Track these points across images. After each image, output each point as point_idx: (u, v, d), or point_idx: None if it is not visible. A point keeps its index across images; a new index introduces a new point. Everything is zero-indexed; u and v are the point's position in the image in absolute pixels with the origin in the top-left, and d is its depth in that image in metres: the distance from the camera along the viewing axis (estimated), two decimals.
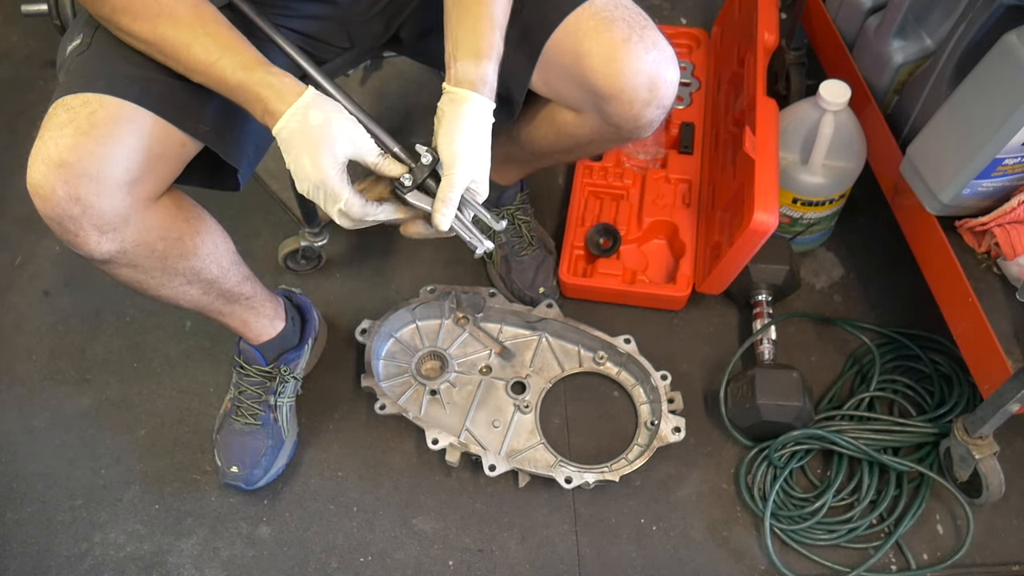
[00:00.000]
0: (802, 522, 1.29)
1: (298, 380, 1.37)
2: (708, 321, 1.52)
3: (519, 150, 1.34)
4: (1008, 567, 1.27)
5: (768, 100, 1.37)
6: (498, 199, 1.51)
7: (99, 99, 0.92)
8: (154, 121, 0.94)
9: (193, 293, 1.11)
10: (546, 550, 1.29)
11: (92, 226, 0.93)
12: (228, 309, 1.19)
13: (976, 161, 1.11)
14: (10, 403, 1.44)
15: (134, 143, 0.93)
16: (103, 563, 1.29)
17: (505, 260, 1.51)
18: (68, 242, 0.95)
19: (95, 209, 0.92)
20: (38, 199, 0.92)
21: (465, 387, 1.41)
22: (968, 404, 1.35)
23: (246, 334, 1.27)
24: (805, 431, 1.31)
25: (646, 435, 1.37)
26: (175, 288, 1.08)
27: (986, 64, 1.08)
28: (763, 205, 1.23)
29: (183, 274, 1.07)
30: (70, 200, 0.91)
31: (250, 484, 1.30)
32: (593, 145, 1.24)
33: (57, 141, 0.91)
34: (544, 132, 1.25)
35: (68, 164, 0.90)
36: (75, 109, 0.92)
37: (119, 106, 0.93)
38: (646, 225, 1.56)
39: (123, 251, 0.97)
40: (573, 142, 1.22)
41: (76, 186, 0.90)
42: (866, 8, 1.40)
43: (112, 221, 0.94)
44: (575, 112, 1.16)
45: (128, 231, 0.96)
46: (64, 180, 0.90)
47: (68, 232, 0.93)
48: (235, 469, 1.30)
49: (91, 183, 0.91)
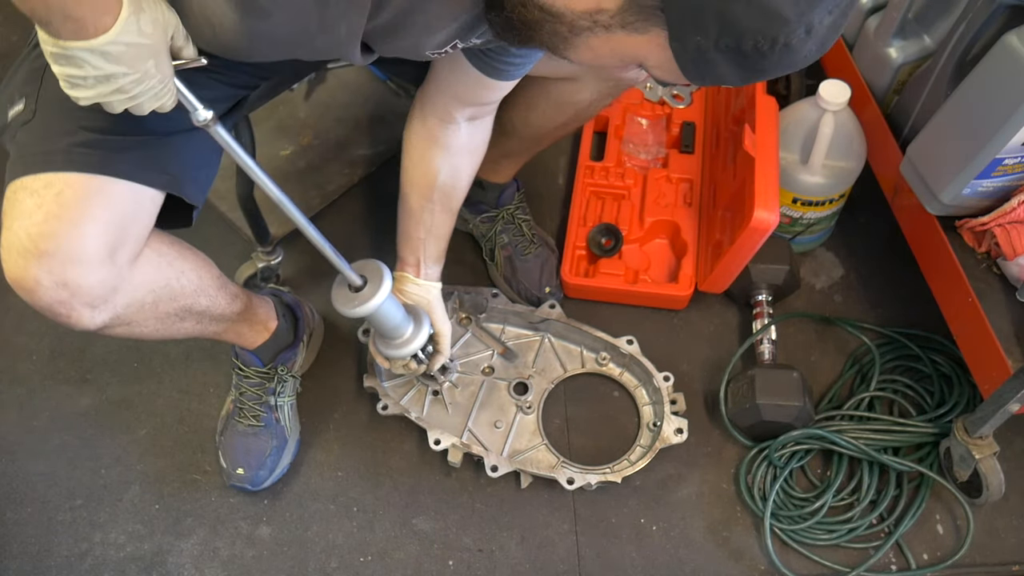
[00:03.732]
0: (802, 522, 1.29)
1: (296, 378, 1.37)
2: (708, 321, 1.52)
3: (516, 142, 1.36)
4: (1008, 567, 1.27)
5: (768, 98, 1.37)
6: (497, 200, 1.51)
7: (62, 178, 0.88)
8: (122, 187, 0.91)
9: (187, 327, 1.11)
10: (546, 550, 1.29)
11: (83, 304, 0.91)
12: (222, 328, 1.19)
13: (976, 161, 1.11)
14: (10, 403, 1.44)
15: (107, 215, 0.90)
16: (103, 563, 1.29)
17: (509, 261, 1.51)
18: (61, 323, 0.93)
19: (84, 289, 0.90)
20: (23, 292, 0.89)
21: (467, 387, 1.41)
22: (968, 404, 1.35)
23: (241, 343, 1.27)
24: (805, 431, 1.31)
25: (648, 436, 1.37)
26: (169, 329, 1.08)
27: (986, 64, 1.08)
28: (763, 202, 1.24)
29: (175, 314, 1.06)
30: (56, 287, 0.88)
31: (256, 485, 1.31)
32: (592, 107, 1.27)
33: (29, 230, 0.87)
34: (543, 110, 1.26)
35: (47, 253, 0.87)
36: (39, 192, 0.88)
37: (85, 181, 0.89)
38: (648, 225, 1.56)
39: (116, 315, 0.96)
40: (573, 111, 1.25)
41: (60, 273, 0.88)
42: (866, 8, 1.41)
43: (102, 295, 0.92)
44: (571, 80, 1.17)
45: (118, 298, 0.95)
46: (47, 270, 0.87)
47: (60, 315, 0.91)
48: (241, 471, 1.30)
49: (74, 266, 0.88)
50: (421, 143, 1.18)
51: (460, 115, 1.14)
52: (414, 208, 1.22)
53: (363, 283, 1.08)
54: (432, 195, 1.21)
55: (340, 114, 1.69)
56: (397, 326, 1.17)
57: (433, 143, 1.17)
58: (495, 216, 1.52)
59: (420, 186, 1.20)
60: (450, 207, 1.24)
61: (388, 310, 1.12)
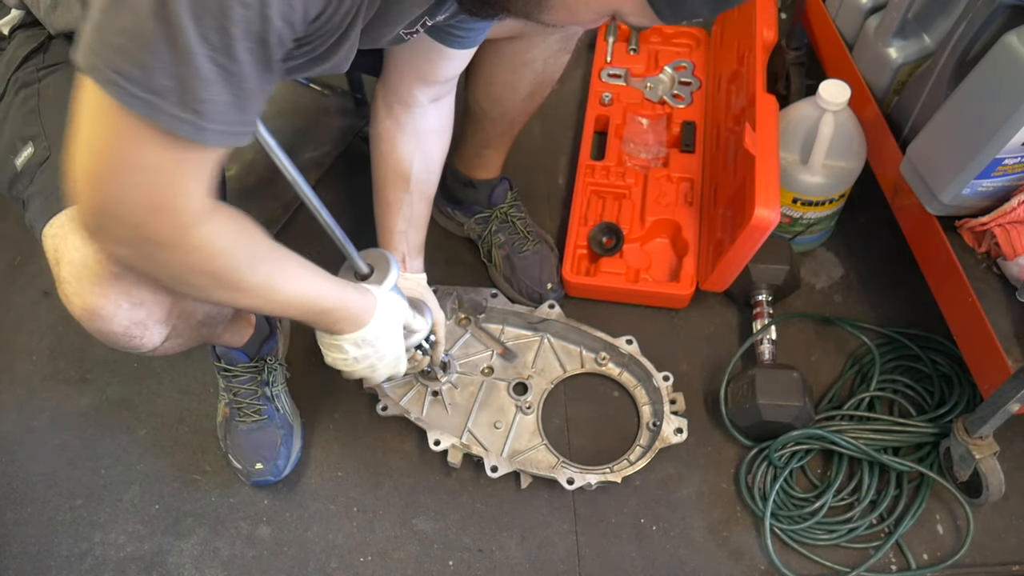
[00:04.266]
0: (802, 522, 1.29)
1: (283, 365, 1.39)
2: (708, 321, 1.52)
3: (490, 126, 1.38)
4: (1008, 567, 1.27)
5: (768, 96, 1.37)
6: (489, 199, 1.51)
7: None
8: None
9: (205, 332, 1.11)
10: (546, 550, 1.29)
11: (156, 321, 0.90)
12: (220, 330, 1.20)
13: (976, 161, 1.11)
14: (10, 403, 1.44)
15: None
16: (103, 563, 1.29)
17: (507, 260, 1.51)
18: (130, 347, 0.91)
19: (157, 303, 0.89)
20: (99, 320, 0.86)
21: (467, 388, 1.41)
22: (968, 404, 1.35)
23: (234, 342, 1.28)
24: (805, 431, 1.31)
25: (648, 436, 1.37)
26: (194, 337, 1.06)
27: (986, 64, 1.08)
28: (764, 200, 1.23)
29: (202, 322, 1.06)
30: (134, 308, 0.87)
31: (278, 476, 1.32)
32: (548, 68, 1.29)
33: (96, 255, 0.83)
34: (501, 79, 1.29)
35: (121, 274, 0.84)
36: None
37: None
38: (649, 224, 1.56)
39: (173, 328, 0.95)
40: (532, 76, 1.28)
41: (136, 293, 0.86)
42: (866, 8, 1.40)
43: (169, 305, 0.91)
44: (519, 39, 1.20)
45: (175, 307, 0.94)
46: (124, 292, 0.85)
47: (134, 338, 0.89)
48: (260, 466, 1.31)
49: (146, 282, 0.86)
50: (389, 134, 1.19)
51: (424, 96, 1.15)
52: (391, 202, 1.23)
53: (370, 271, 1.09)
54: (409, 187, 1.22)
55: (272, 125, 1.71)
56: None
57: (401, 131, 1.18)
58: (489, 216, 1.52)
59: (396, 179, 1.21)
60: (427, 195, 1.26)
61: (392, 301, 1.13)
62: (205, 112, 0.66)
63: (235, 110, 0.68)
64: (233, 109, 0.68)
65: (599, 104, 1.74)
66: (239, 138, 0.71)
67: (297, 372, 1.43)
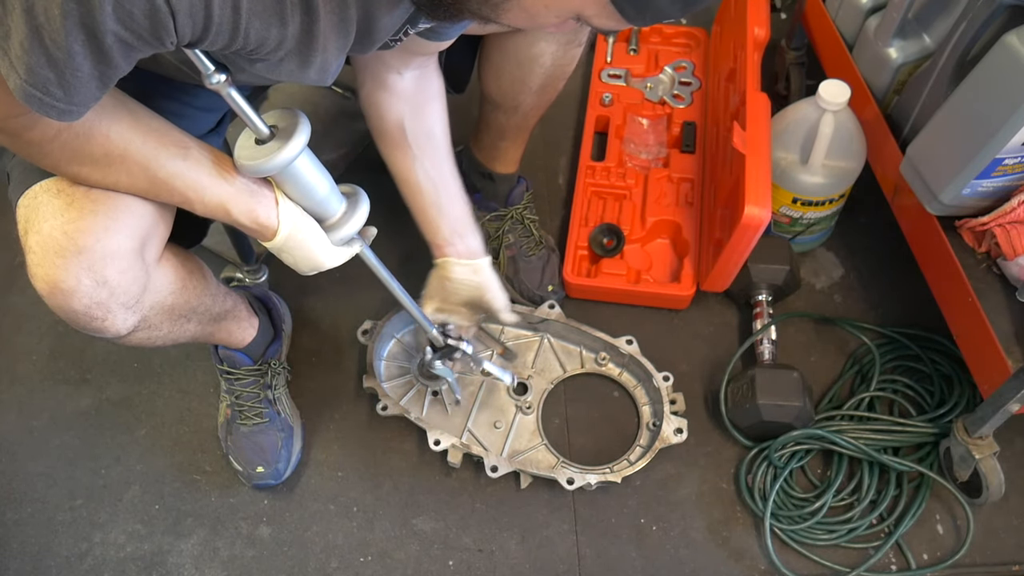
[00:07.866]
0: (802, 522, 1.29)
1: (286, 368, 1.39)
2: (708, 321, 1.52)
3: (504, 117, 1.36)
4: (1008, 567, 1.27)
5: (759, 95, 1.37)
6: (507, 198, 1.51)
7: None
8: None
9: (191, 328, 1.10)
10: (546, 550, 1.29)
11: (120, 305, 0.88)
12: (217, 327, 1.19)
13: (976, 161, 1.11)
14: (10, 403, 1.44)
15: (140, 210, 0.88)
16: (103, 563, 1.29)
17: (513, 261, 1.51)
18: (92, 329, 0.89)
19: (122, 287, 0.87)
20: (60, 295, 0.84)
21: (467, 388, 1.41)
22: (968, 404, 1.35)
23: (232, 342, 1.27)
24: (805, 431, 1.31)
25: (648, 436, 1.37)
26: (175, 332, 1.06)
27: (986, 64, 1.08)
28: (754, 199, 1.23)
29: (183, 315, 1.05)
30: (97, 286, 0.85)
31: (278, 478, 1.32)
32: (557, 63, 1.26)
33: (64, 228, 0.82)
34: (509, 72, 1.27)
35: (86, 249, 0.83)
36: (66, 191, 0.84)
37: None
38: (649, 224, 1.56)
39: (143, 318, 0.94)
40: (540, 70, 1.26)
41: (100, 270, 0.84)
42: (866, 8, 1.40)
43: (136, 293, 0.90)
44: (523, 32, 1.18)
45: (147, 298, 0.92)
46: (87, 267, 0.83)
47: (95, 320, 0.88)
48: (261, 469, 1.31)
49: (113, 262, 0.85)
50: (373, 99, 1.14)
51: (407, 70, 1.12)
52: (407, 179, 1.16)
53: (271, 134, 0.87)
54: (411, 150, 1.14)
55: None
56: (324, 198, 0.98)
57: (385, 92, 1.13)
58: (504, 215, 1.52)
59: (395, 146, 1.16)
60: (437, 155, 1.16)
61: (305, 171, 0.92)
62: (31, 77, 0.66)
63: (59, 88, 0.67)
64: (58, 87, 0.67)
65: (599, 104, 1.74)
66: (61, 115, 0.70)
67: (298, 372, 1.44)
